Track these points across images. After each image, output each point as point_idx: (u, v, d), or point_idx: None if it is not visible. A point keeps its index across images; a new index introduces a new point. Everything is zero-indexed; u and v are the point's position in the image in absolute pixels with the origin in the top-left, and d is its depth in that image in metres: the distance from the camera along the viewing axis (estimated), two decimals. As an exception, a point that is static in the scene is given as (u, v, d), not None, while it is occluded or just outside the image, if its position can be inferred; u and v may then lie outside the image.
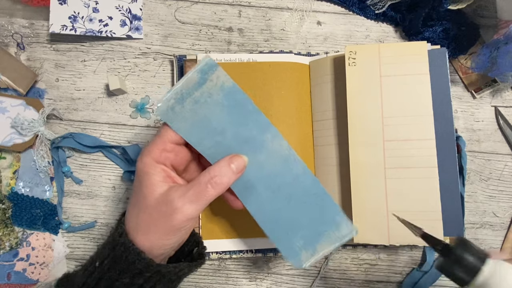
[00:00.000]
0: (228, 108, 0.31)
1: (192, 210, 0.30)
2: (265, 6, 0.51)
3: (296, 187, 0.32)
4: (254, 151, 0.32)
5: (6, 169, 0.47)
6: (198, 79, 0.30)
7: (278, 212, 0.32)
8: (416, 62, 0.42)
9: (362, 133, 0.42)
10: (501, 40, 0.43)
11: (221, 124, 0.31)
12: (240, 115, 0.31)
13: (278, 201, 0.32)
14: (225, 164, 0.31)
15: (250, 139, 0.31)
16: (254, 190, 0.32)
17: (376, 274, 0.47)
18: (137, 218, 0.31)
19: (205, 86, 0.30)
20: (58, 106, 0.48)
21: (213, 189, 0.30)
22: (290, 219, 0.32)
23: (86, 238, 0.47)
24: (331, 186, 0.44)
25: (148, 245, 0.30)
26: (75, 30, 0.47)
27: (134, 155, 0.46)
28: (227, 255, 0.45)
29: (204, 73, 0.30)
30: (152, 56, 0.49)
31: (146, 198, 0.30)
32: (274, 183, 0.32)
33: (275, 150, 0.32)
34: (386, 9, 0.49)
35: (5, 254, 0.45)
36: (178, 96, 0.30)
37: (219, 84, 0.30)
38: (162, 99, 0.30)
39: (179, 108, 0.30)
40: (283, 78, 0.46)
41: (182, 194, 0.30)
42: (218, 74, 0.30)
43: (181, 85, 0.30)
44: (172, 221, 0.30)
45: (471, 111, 0.49)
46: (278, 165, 0.32)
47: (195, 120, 0.31)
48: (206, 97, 0.30)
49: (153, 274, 0.30)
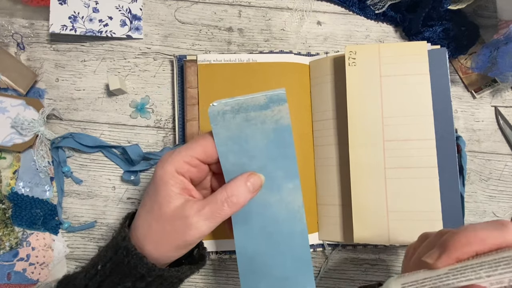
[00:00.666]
0: (271, 141, 0.31)
1: (206, 227, 0.30)
2: (265, 6, 0.51)
3: (287, 242, 0.32)
4: (270, 190, 0.32)
5: (6, 169, 0.47)
6: (263, 103, 0.30)
7: (258, 254, 0.33)
8: (416, 62, 0.42)
9: (362, 133, 0.42)
10: (501, 40, 0.43)
11: (255, 150, 0.31)
12: (277, 153, 0.31)
13: (264, 244, 0.32)
14: (242, 183, 0.30)
15: (272, 178, 0.32)
16: (249, 223, 0.32)
17: (376, 274, 0.47)
18: (149, 227, 0.30)
19: (264, 112, 0.31)
20: (58, 106, 0.48)
21: (229, 208, 0.30)
22: (266, 265, 0.33)
23: (86, 238, 0.47)
24: (331, 186, 0.44)
25: (156, 256, 0.30)
26: (75, 30, 0.47)
27: (134, 155, 0.46)
28: (227, 255, 0.45)
29: (272, 101, 0.30)
30: (152, 56, 0.49)
31: (161, 208, 0.30)
32: (269, 227, 0.32)
33: (288, 200, 0.32)
34: (386, 9, 0.49)
35: (5, 254, 0.45)
36: (236, 107, 0.31)
37: (277, 117, 0.31)
38: (220, 101, 0.31)
39: (229, 117, 0.31)
40: (283, 78, 0.46)
41: (198, 210, 0.29)
42: (281, 109, 0.30)
43: (245, 99, 0.31)
44: (185, 237, 0.30)
45: (471, 111, 0.49)
46: (282, 214, 0.32)
47: (235, 134, 0.31)
48: (259, 121, 0.31)
49: (155, 279, 0.30)
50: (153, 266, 0.30)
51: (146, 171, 0.47)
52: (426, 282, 0.26)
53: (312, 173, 0.46)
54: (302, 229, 0.32)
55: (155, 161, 0.46)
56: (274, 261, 0.32)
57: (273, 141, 0.31)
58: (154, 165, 0.47)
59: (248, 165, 0.31)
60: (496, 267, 0.23)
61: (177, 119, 0.47)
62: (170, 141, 0.48)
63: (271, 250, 0.32)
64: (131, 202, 0.47)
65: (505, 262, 0.23)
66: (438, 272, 0.26)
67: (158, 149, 0.48)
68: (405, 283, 0.27)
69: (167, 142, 0.48)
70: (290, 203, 0.32)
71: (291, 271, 0.33)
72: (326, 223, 0.45)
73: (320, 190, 0.45)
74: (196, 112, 0.46)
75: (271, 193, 0.32)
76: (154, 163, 0.47)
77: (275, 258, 0.32)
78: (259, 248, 0.32)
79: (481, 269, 0.24)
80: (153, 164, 0.47)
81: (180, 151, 0.31)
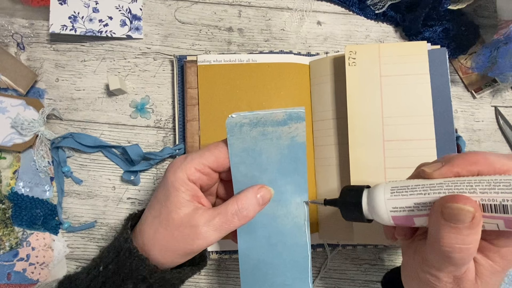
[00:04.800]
0: (284, 156, 0.32)
1: (214, 237, 0.30)
2: (265, 6, 0.51)
3: (290, 253, 0.33)
4: (278, 203, 0.32)
5: (6, 169, 0.47)
6: (281, 119, 0.31)
7: (261, 262, 0.33)
8: (416, 62, 0.42)
9: (362, 133, 0.42)
10: (501, 40, 0.43)
11: (267, 164, 0.32)
12: (288, 168, 0.32)
13: (267, 254, 0.33)
14: (253, 197, 0.31)
15: (281, 192, 0.32)
16: (254, 233, 0.33)
17: (376, 274, 0.47)
18: (156, 231, 0.30)
19: (281, 128, 0.31)
20: (58, 106, 0.48)
21: (239, 221, 0.30)
22: (267, 273, 0.33)
23: (86, 238, 0.47)
24: (331, 186, 0.44)
25: (162, 261, 0.31)
26: (75, 30, 0.47)
27: (134, 155, 0.46)
28: (227, 255, 0.45)
29: (291, 118, 0.31)
30: (152, 56, 0.49)
31: (170, 214, 0.30)
32: (274, 238, 0.33)
33: (295, 214, 0.33)
34: (386, 9, 0.49)
35: (5, 254, 0.45)
36: (254, 120, 0.31)
37: (293, 134, 0.31)
38: (239, 113, 0.31)
39: (246, 130, 0.31)
40: (283, 78, 0.46)
41: (208, 221, 0.30)
42: (298, 126, 0.31)
43: (264, 114, 0.31)
44: (193, 246, 0.30)
45: (471, 111, 0.49)
46: (288, 227, 0.33)
47: (250, 147, 0.31)
48: (275, 136, 0.31)
49: (156, 280, 0.31)
50: (155, 268, 0.30)
51: (146, 171, 0.47)
52: (418, 189, 0.26)
53: (312, 173, 0.46)
54: (305, 242, 0.33)
55: (155, 161, 0.46)
56: (276, 270, 0.33)
57: (286, 157, 0.31)
58: (154, 165, 0.47)
59: (259, 177, 0.32)
60: (495, 186, 0.23)
61: (177, 119, 0.47)
62: (170, 141, 0.48)
63: (273, 259, 0.33)
64: (131, 202, 0.47)
65: (505, 183, 0.23)
66: (432, 182, 0.26)
67: (158, 149, 0.48)
68: (395, 187, 0.27)
69: (167, 142, 0.48)
70: (297, 217, 0.33)
71: (291, 280, 0.33)
72: (326, 223, 0.45)
73: (320, 190, 0.45)
74: (196, 113, 0.46)
75: (278, 206, 0.33)
76: (154, 163, 0.47)
77: (277, 268, 0.33)
78: (262, 257, 0.33)
79: (478, 185, 0.24)
80: (153, 164, 0.47)
81: (193, 158, 0.31)
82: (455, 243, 0.23)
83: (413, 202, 0.26)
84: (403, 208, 0.26)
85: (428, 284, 0.27)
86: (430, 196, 0.25)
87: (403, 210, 0.27)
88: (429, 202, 0.25)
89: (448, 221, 0.23)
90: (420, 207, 0.26)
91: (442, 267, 0.25)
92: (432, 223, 0.25)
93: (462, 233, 0.23)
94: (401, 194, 0.27)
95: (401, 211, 0.27)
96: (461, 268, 0.25)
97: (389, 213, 0.27)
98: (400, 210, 0.27)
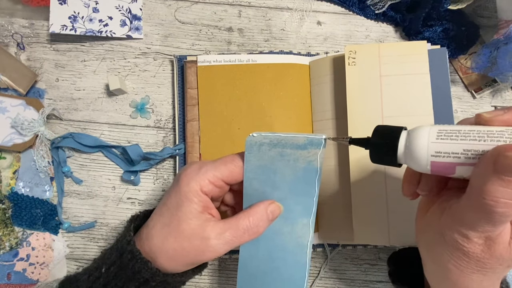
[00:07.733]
0: (298, 178, 0.32)
1: (224, 250, 0.30)
2: (265, 6, 0.51)
3: (288, 270, 0.33)
4: (284, 221, 0.33)
5: (6, 169, 0.47)
6: (301, 143, 0.31)
7: (259, 274, 0.34)
8: (416, 62, 0.42)
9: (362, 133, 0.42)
10: (501, 40, 0.43)
11: (280, 183, 0.32)
12: (300, 189, 0.32)
13: (266, 267, 0.34)
14: (263, 212, 0.31)
15: (290, 210, 0.33)
16: (257, 244, 0.33)
17: (376, 274, 0.47)
18: (164, 240, 0.30)
19: (300, 152, 0.31)
20: (58, 106, 0.48)
21: (249, 237, 0.31)
22: (263, 285, 0.34)
23: (86, 238, 0.47)
24: (331, 186, 0.44)
25: (169, 269, 0.31)
26: (75, 30, 0.47)
27: (134, 155, 0.46)
28: (227, 255, 0.45)
29: (311, 144, 0.31)
30: (152, 56, 0.49)
31: (181, 224, 0.30)
32: (275, 253, 0.33)
33: (299, 234, 0.33)
34: (386, 9, 0.49)
35: (5, 254, 0.45)
36: (275, 141, 0.31)
37: (311, 158, 0.31)
38: (261, 133, 0.31)
39: (265, 149, 0.31)
40: (282, 78, 0.46)
41: (219, 234, 0.30)
42: (317, 152, 0.31)
43: (285, 136, 0.31)
44: (202, 257, 0.30)
45: (471, 111, 0.49)
46: (290, 245, 0.33)
47: (266, 165, 0.32)
48: (292, 158, 0.31)
49: (159, 283, 0.31)
50: (157, 271, 0.30)
51: (146, 171, 0.47)
52: (472, 134, 0.23)
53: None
54: (305, 262, 0.33)
55: (155, 161, 0.46)
56: (272, 284, 0.34)
57: (300, 178, 0.32)
58: (154, 165, 0.47)
59: (270, 193, 0.32)
60: None
61: (177, 119, 0.47)
62: (170, 141, 0.48)
63: (271, 273, 0.34)
64: (131, 202, 0.47)
65: None
66: (491, 128, 0.23)
67: (158, 149, 0.48)
68: (443, 130, 0.24)
69: (167, 142, 0.48)
70: (301, 237, 0.33)
71: None
72: (326, 223, 0.45)
73: (320, 190, 0.45)
74: (196, 113, 0.46)
75: (284, 224, 0.33)
76: (154, 163, 0.47)
77: (273, 282, 0.34)
78: (260, 268, 0.34)
79: None
80: (153, 164, 0.47)
81: (207, 170, 0.31)
82: (502, 196, 0.21)
83: (463, 148, 0.23)
84: (448, 154, 0.24)
85: (454, 245, 0.25)
86: (485, 144, 0.22)
87: (447, 156, 0.24)
88: (482, 150, 0.22)
89: (499, 173, 0.21)
90: (469, 155, 0.23)
91: (477, 224, 0.23)
92: (477, 174, 0.22)
93: None
94: (449, 138, 0.24)
95: (445, 157, 0.24)
96: (498, 228, 0.23)
97: (429, 158, 0.24)
98: (444, 155, 0.24)
